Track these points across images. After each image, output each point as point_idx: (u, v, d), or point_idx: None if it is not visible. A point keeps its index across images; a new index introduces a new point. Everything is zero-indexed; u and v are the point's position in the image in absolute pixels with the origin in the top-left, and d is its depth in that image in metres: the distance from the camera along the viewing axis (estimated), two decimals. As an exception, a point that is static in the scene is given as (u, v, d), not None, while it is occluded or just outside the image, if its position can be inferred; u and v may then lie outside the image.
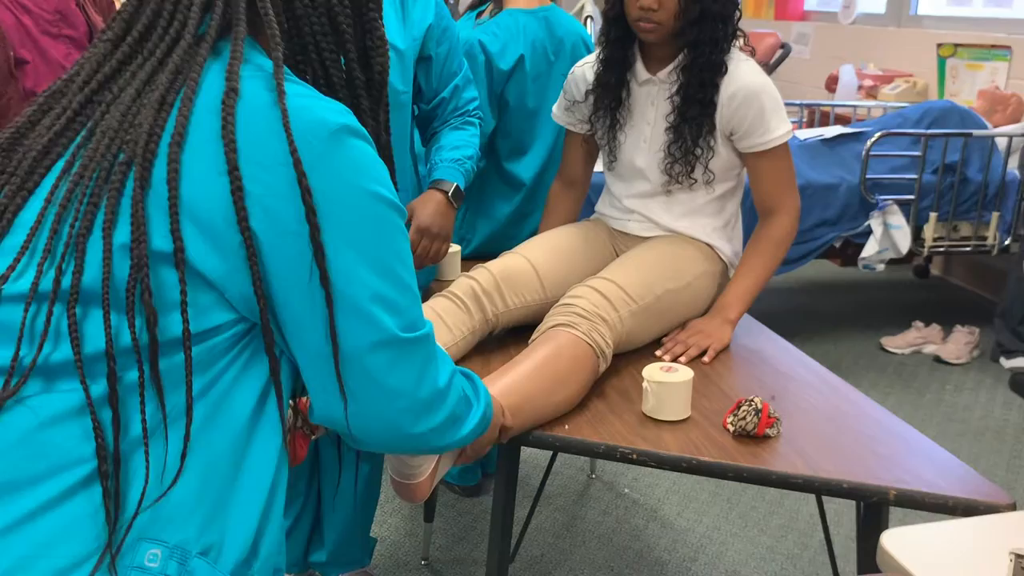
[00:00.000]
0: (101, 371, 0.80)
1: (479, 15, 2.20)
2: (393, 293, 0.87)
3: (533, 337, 1.55)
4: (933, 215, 3.44)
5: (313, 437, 1.33)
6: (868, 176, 3.37)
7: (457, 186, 1.81)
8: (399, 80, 1.71)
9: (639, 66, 1.82)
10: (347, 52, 0.94)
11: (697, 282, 1.76)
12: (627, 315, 1.60)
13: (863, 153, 3.36)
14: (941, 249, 3.53)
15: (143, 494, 0.81)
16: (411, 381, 0.91)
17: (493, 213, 2.27)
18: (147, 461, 0.80)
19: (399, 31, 1.71)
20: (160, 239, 0.80)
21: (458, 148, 1.85)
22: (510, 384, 1.38)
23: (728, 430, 1.40)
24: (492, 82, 2.13)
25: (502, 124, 2.21)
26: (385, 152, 1.01)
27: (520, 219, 2.28)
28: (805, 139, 3.54)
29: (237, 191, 0.79)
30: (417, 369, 0.91)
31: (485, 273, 1.69)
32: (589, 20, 3.85)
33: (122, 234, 0.80)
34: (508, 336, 1.72)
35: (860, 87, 4.64)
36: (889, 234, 3.39)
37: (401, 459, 1.22)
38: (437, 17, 1.79)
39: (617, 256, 1.90)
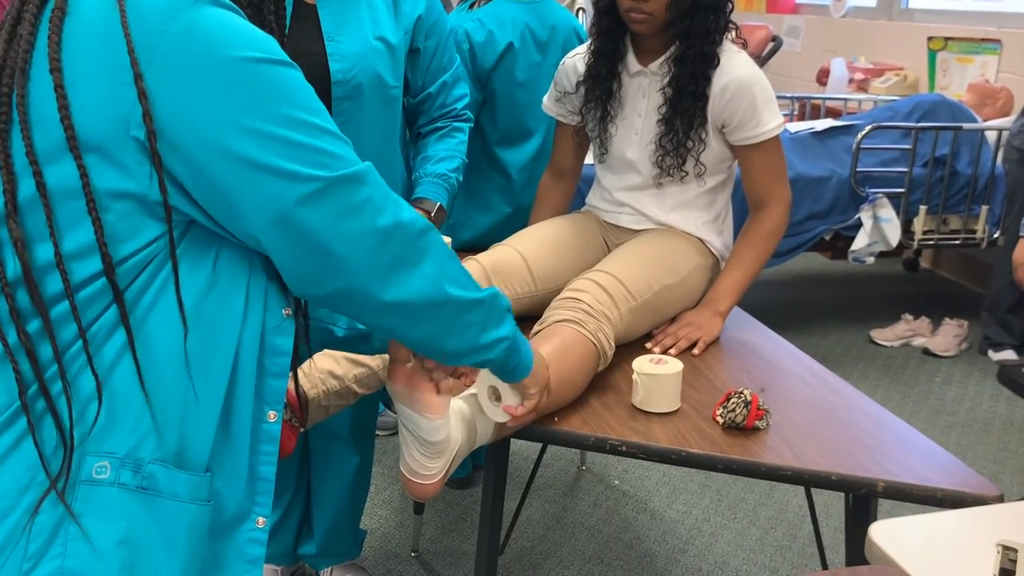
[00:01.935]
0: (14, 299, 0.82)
1: (471, 6, 2.19)
2: (303, 139, 0.84)
3: (535, 330, 1.54)
4: (923, 208, 3.45)
5: (302, 429, 1.32)
6: (858, 169, 3.37)
7: (440, 205, 1.79)
8: (390, 75, 1.69)
9: (630, 57, 1.81)
10: None
11: (691, 276, 1.76)
12: (627, 312, 1.60)
13: (853, 146, 3.36)
14: (931, 242, 3.54)
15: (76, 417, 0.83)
16: (365, 215, 0.87)
17: (484, 204, 2.26)
18: (65, 384, 0.82)
19: (391, 26, 1.70)
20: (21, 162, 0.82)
21: (443, 161, 1.83)
22: None
23: (717, 422, 1.41)
24: (475, 70, 2.13)
25: (492, 114, 2.20)
26: (269, 15, 0.98)
27: (510, 210, 2.27)
28: (796, 132, 3.55)
29: (63, 109, 0.81)
30: (364, 200, 0.87)
31: (475, 265, 1.68)
32: (581, 12, 3.84)
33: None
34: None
35: (851, 80, 4.65)
36: (879, 227, 3.40)
37: (417, 460, 1.21)
38: (427, 10, 1.77)
39: (608, 249, 1.90)
